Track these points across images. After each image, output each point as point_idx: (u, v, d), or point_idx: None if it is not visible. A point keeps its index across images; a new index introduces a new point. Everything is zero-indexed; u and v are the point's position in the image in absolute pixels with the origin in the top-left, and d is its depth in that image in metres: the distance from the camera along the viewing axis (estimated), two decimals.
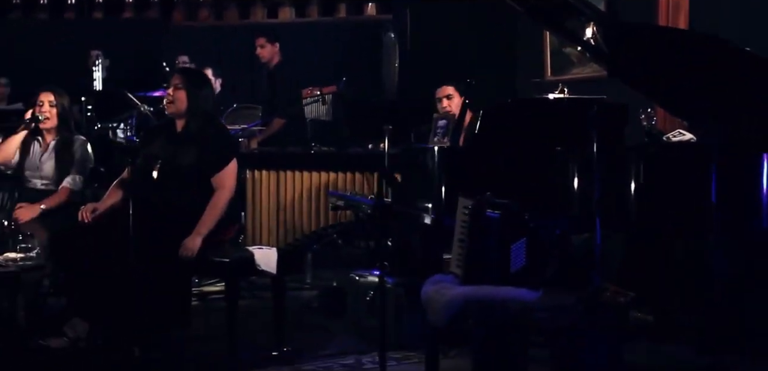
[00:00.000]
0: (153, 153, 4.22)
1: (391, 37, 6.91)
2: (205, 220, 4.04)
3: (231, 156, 4.20)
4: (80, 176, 4.69)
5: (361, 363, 3.98)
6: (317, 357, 4.05)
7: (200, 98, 4.23)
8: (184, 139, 4.21)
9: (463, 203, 3.46)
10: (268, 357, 3.99)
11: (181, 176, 4.15)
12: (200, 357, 4.00)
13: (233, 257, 4.04)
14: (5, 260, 3.84)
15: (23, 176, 4.71)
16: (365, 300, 4.36)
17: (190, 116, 4.22)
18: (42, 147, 4.73)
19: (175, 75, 4.27)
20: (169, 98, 4.26)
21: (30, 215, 4.42)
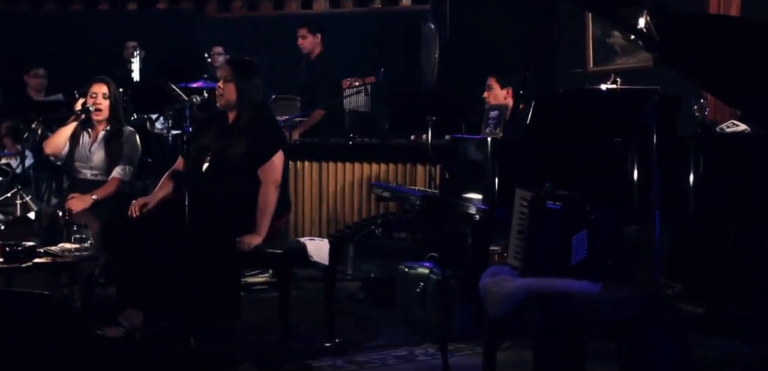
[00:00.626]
0: (203, 145, 4.23)
1: (430, 28, 6.86)
2: (263, 220, 4.05)
3: (277, 147, 4.20)
4: (130, 167, 4.71)
5: (414, 354, 3.97)
6: (369, 349, 4.04)
7: (250, 89, 4.23)
8: (234, 131, 4.21)
9: (521, 195, 3.44)
10: (320, 349, 4.00)
11: (230, 168, 4.16)
12: (253, 348, 4.01)
13: (286, 249, 4.04)
14: (61, 251, 3.86)
15: (73, 167, 4.74)
16: (415, 291, 4.35)
17: (240, 107, 4.23)
18: (91, 138, 4.76)
19: (224, 67, 4.27)
20: (219, 91, 4.26)
21: (82, 206, 4.44)
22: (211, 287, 3.97)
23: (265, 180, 4.13)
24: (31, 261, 3.78)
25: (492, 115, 4.24)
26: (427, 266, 4.37)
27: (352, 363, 3.81)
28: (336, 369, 3.75)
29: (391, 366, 3.81)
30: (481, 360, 3.56)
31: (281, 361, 3.77)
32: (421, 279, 4.34)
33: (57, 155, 4.74)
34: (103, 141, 4.72)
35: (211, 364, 3.76)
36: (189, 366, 3.69)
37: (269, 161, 4.13)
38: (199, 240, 3.84)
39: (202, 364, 3.73)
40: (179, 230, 3.92)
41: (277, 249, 4.04)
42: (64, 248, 3.90)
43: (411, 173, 5.64)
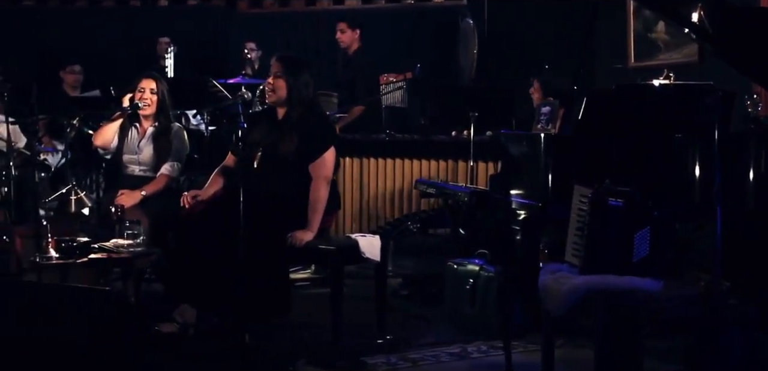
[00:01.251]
0: (254, 141, 4.23)
1: (469, 23, 6.83)
2: (314, 216, 4.05)
3: (328, 144, 4.19)
4: (178, 163, 4.72)
5: (467, 351, 3.95)
6: (421, 346, 4.02)
7: (300, 85, 4.22)
8: (285, 127, 4.20)
9: (580, 192, 3.41)
10: (372, 345, 3.98)
11: (281, 164, 4.15)
12: (304, 344, 4.00)
13: (339, 245, 4.04)
14: (116, 246, 3.87)
15: (121, 162, 4.75)
16: (464, 288, 4.32)
17: (290, 104, 4.22)
18: (139, 133, 4.77)
19: (274, 63, 4.26)
20: (269, 87, 4.25)
21: (131, 202, 4.45)
22: (263, 283, 3.96)
23: (317, 176, 4.12)
24: (87, 257, 3.79)
25: (544, 111, 4.20)
26: (476, 263, 4.35)
27: (406, 360, 3.79)
28: (390, 366, 3.73)
29: (445, 364, 3.79)
30: (536, 358, 3.56)
31: (335, 358, 3.77)
32: (470, 275, 4.32)
33: (105, 149, 4.75)
34: (151, 137, 4.73)
35: (267, 361, 3.76)
36: (245, 363, 3.68)
37: (321, 157, 4.12)
38: (251, 236, 3.84)
39: (257, 361, 3.73)
40: (230, 227, 3.94)
41: (330, 246, 4.03)
42: (118, 243, 3.91)
43: (452, 170, 5.62)
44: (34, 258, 3.79)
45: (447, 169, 5.63)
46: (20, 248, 4.78)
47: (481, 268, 4.28)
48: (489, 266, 4.26)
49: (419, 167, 5.75)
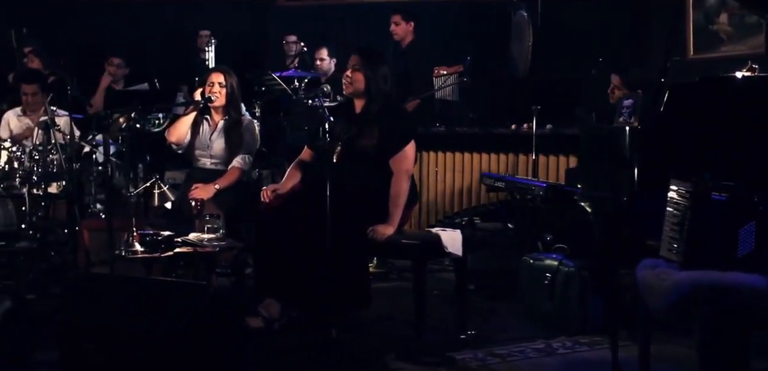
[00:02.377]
0: (333, 135, 4.19)
1: (523, 15, 6.77)
2: (395, 210, 4.02)
3: (409, 138, 4.16)
4: (249, 156, 4.71)
5: (553, 347, 3.90)
6: (504, 341, 3.98)
7: (378, 78, 4.18)
8: (364, 120, 4.17)
9: (678, 186, 3.35)
10: (456, 340, 3.95)
11: (361, 157, 4.12)
12: (386, 339, 3.97)
13: (422, 239, 4.00)
14: (199, 240, 3.85)
15: (193, 156, 4.73)
16: (543, 283, 4.28)
17: (369, 97, 4.18)
18: (211, 127, 4.75)
19: (352, 56, 4.23)
20: (347, 79, 4.22)
21: (206, 195, 4.43)
22: (345, 277, 3.93)
23: (398, 170, 4.09)
24: (173, 251, 3.77)
25: (626, 104, 4.15)
26: (554, 257, 4.30)
27: (494, 356, 3.75)
28: (477, 361, 3.69)
29: (534, 360, 3.74)
30: (626, 353, 3.51)
31: (422, 354, 3.74)
32: (548, 270, 4.28)
33: (180, 144, 4.73)
34: (222, 131, 4.71)
35: (354, 356, 3.73)
36: (333, 358, 3.66)
37: (402, 151, 4.09)
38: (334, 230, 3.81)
39: (345, 355, 3.70)
40: (311, 221, 3.92)
41: (414, 240, 4.00)
42: (201, 238, 3.89)
43: (512, 163, 5.58)
44: (118, 252, 3.78)
45: (507, 162, 5.58)
46: (88, 242, 4.78)
47: (560, 263, 4.23)
48: (569, 261, 4.21)
49: (479, 161, 5.71)
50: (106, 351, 3.25)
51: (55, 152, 5.51)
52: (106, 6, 9.29)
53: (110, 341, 3.24)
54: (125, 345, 3.22)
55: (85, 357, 3.29)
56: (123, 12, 9.30)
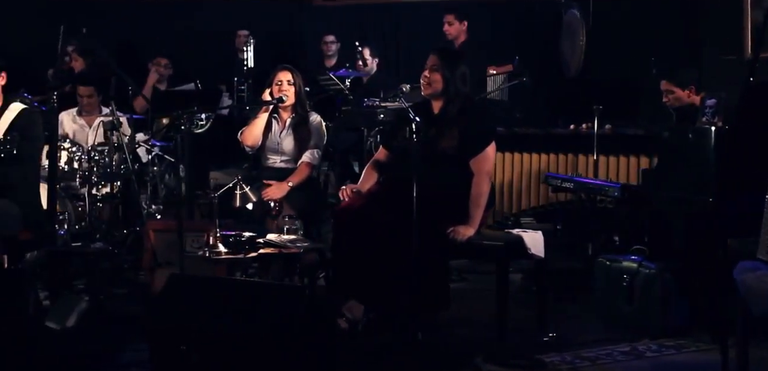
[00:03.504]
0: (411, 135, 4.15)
1: (575, 14, 6.72)
2: (476, 211, 3.99)
3: (490, 139, 4.12)
4: (318, 151, 4.69)
5: (639, 350, 3.85)
6: (587, 344, 3.93)
7: (457, 78, 4.14)
8: (443, 121, 4.13)
9: None
10: (539, 342, 3.91)
11: (440, 158, 4.08)
12: (471, 341, 3.93)
13: (506, 241, 3.96)
14: (282, 241, 3.83)
15: (262, 155, 4.71)
16: (621, 285, 4.23)
17: (447, 97, 4.15)
18: (279, 126, 4.73)
19: (430, 56, 4.19)
20: (425, 80, 4.18)
21: (280, 194, 4.42)
22: (426, 278, 3.89)
23: (479, 171, 4.05)
24: (257, 252, 3.74)
25: (709, 103, 4.09)
26: (633, 259, 4.26)
27: (582, 359, 3.71)
28: (567, 365, 3.65)
29: (623, 363, 3.70)
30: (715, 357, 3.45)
31: (510, 356, 3.70)
32: (626, 272, 4.23)
33: (254, 146, 4.71)
34: (291, 128, 4.70)
35: (442, 358, 3.69)
36: (421, 360, 3.62)
37: (483, 152, 4.06)
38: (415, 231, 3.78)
39: (432, 358, 3.67)
40: (389, 221, 3.89)
41: (497, 241, 3.96)
42: (283, 238, 3.86)
43: (572, 163, 5.53)
44: (203, 253, 3.75)
45: (566, 163, 5.54)
46: (154, 242, 4.76)
47: (640, 264, 4.19)
48: (649, 263, 4.16)
49: (538, 161, 5.67)
50: (200, 352, 3.23)
51: (114, 153, 5.50)
52: (143, 5, 9.28)
53: (205, 342, 3.21)
54: (220, 347, 3.19)
55: (177, 358, 3.27)
56: (160, 11, 9.28)
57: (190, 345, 3.23)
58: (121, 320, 4.30)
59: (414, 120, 3.80)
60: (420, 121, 4.17)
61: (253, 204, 4.16)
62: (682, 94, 4.91)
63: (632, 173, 5.13)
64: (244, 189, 4.10)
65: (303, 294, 3.20)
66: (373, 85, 7.37)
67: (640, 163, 5.07)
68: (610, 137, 5.29)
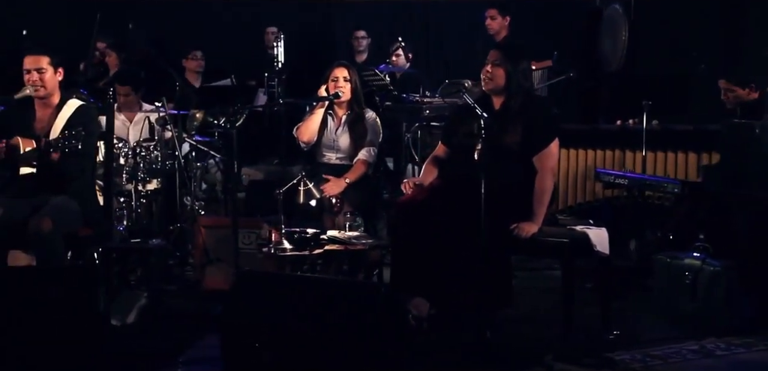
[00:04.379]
0: (471, 131, 4.11)
1: (617, 9, 6.66)
2: (540, 208, 3.95)
3: (554, 135, 4.08)
4: (374, 148, 4.66)
5: (707, 349, 3.81)
6: (654, 342, 3.88)
7: (519, 74, 4.10)
8: (506, 117, 4.09)
9: None
10: (605, 341, 3.87)
11: (502, 154, 4.04)
12: (537, 338, 3.90)
13: (571, 238, 3.92)
14: (347, 238, 3.79)
15: (317, 152, 4.68)
16: (683, 282, 4.19)
17: (509, 93, 4.10)
18: (335, 123, 4.70)
19: (491, 52, 4.15)
20: (487, 75, 4.14)
21: (337, 190, 4.38)
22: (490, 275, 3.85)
23: (542, 167, 4.01)
24: (322, 248, 3.71)
25: None
26: (695, 256, 4.21)
27: (653, 358, 3.67)
28: (638, 363, 3.61)
29: (693, 362, 3.66)
30: None
31: (580, 354, 3.66)
32: (689, 269, 4.19)
33: (310, 142, 4.68)
34: (346, 125, 4.67)
35: (512, 356, 3.66)
36: (491, 357, 3.59)
37: (547, 148, 4.01)
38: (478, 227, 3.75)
39: (503, 355, 3.63)
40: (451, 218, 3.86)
41: (562, 238, 3.92)
42: (350, 236, 3.82)
43: (619, 159, 5.47)
44: (268, 250, 3.72)
45: (613, 158, 5.48)
46: (205, 239, 4.74)
47: (704, 262, 4.14)
48: (713, 261, 4.11)
49: (585, 157, 5.61)
50: (273, 350, 3.20)
51: (159, 149, 5.48)
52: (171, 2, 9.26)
53: (279, 340, 3.18)
54: (295, 345, 3.16)
55: (250, 355, 3.24)
56: (188, 8, 9.26)
57: (263, 342, 3.21)
58: (178, 316, 4.28)
59: (482, 116, 3.76)
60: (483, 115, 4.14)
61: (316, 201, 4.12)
62: (742, 92, 4.87)
63: (681, 168, 5.09)
64: (307, 186, 4.06)
65: (379, 292, 3.16)
66: (406, 80, 7.33)
67: (689, 159, 5.04)
68: (659, 132, 5.24)
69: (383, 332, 3.14)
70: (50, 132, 4.05)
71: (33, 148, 3.97)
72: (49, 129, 4.07)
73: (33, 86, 4.07)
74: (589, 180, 5.43)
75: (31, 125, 4.12)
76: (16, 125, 4.09)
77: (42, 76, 4.07)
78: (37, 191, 4.02)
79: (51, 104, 4.15)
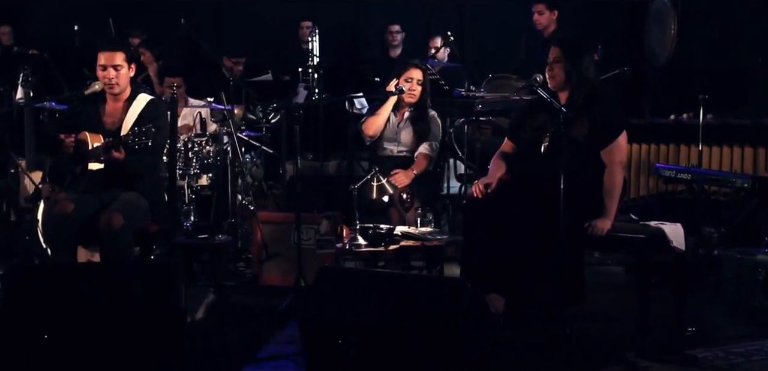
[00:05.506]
0: (539, 125, 4.07)
1: (665, 3, 6.58)
2: (611, 203, 3.90)
3: (622, 128, 4.03)
4: (436, 143, 4.63)
5: None
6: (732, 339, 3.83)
7: (580, 68, 4.05)
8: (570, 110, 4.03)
9: None
10: (683, 338, 3.82)
11: (570, 149, 3.99)
12: (612, 335, 3.86)
13: (647, 233, 3.87)
14: (422, 234, 3.75)
15: (378, 145, 4.66)
16: (757, 278, 4.13)
17: (572, 87, 4.05)
18: (398, 117, 4.67)
19: (553, 48, 4.11)
20: (550, 72, 4.09)
21: (406, 181, 4.38)
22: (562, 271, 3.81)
23: (611, 161, 3.96)
24: (397, 244, 3.67)
25: None
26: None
27: (735, 356, 3.62)
28: (721, 360, 3.56)
29: None
30: None
31: (661, 351, 3.62)
32: (762, 266, 4.13)
33: (375, 136, 4.66)
34: (409, 121, 4.65)
35: (593, 352, 3.62)
36: (571, 354, 3.55)
37: (615, 141, 3.97)
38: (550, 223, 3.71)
39: (583, 352, 3.59)
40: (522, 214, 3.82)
41: (637, 234, 3.87)
42: (421, 231, 3.79)
43: (673, 154, 5.41)
44: (343, 245, 3.68)
45: (668, 153, 5.42)
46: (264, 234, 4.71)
47: None
48: None
49: (638, 151, 5.56)
50: (357, 346, 3.16)
51: (210, 145, 5.46)
52: None
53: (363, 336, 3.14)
54: (380, 341, 3.12)
55: (333, 352, 3.20)
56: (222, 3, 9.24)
57: (347, 338, 3.17)
58: (242, 312, 4.26)
59: (561, 110, 3.71)
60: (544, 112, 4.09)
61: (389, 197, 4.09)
62: None
63: (736, 163, 5.03)
64: (381, 181, 4.02)
65: (465, 288, 3.11)
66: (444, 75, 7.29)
67: (745, 153, 4.98)
68: (715, 126, 5.18)
69: (469, 328, 3.11)
70: (121, 128, 4.03)
71: (101, 143, 3.95)
72: (120, 124, 4.05)
73: (108, 82, 4.03)
74: (643, 175, 5.37)
75: (100, 120, 4.09)
76: (84, 120, 4.07)
77: (118, 73, 4.04)
78: (105, 186, 4.00)
79: (121, 99, 4.12)
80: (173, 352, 3.20)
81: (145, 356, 3.17)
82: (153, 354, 3.17)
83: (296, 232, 4.24)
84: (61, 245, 3.84)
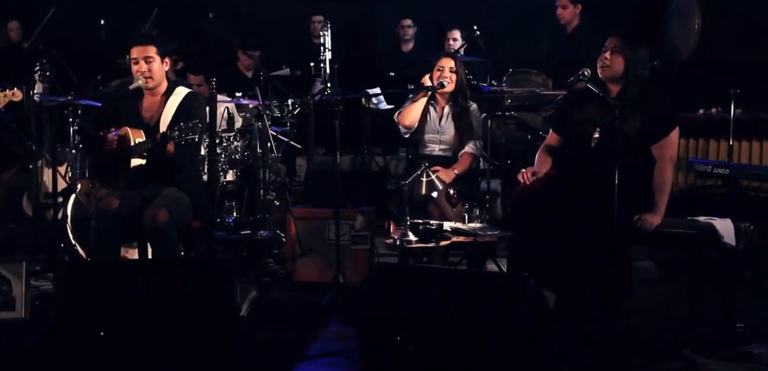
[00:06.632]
0: (588, 119, 4.03)
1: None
2: (661, 198, 3.87)
3: (675, 123, 3.99)
4: (480, 141, 4.58)
5: None
6: None
7: (638, 61, 4.01)
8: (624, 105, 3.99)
9: None
10: (735, 334, 3.79)
11: (620, 142, 3.95)
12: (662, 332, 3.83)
13: (698, 229, 3.84)
14: (473, 230, 3.71)
15: (421, 142, 4.60)
16: None
17: (627, 81, 4.01)
18: (438, 113, 4.61)
19: (611, 38, 4.05)
20: (604, 62, 4.04)
21: (447, 180, 4.31)
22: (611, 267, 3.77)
23: (662, 157, 3.92)
24: (449, 240, 3.63)
25: None
26: None
27: None
28: None
29: None
30: None
31: (715, 348, 3.59)
32: None
33: (411, 128, 4.60)
34: (451, 117, 4.59)
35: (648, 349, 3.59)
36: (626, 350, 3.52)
37: (667, 137, 3.93)
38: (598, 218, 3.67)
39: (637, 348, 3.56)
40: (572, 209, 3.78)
41: (688, 229, 3.84)
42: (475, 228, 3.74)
43: (702, 149, 5.39)
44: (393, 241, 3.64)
45: (697, 148, 5.40)
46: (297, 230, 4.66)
47: None
48: None
49: None
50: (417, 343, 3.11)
51: (238, 140, 5.40)
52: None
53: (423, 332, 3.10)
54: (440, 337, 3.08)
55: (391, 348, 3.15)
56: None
57: (406, 335, 3.12)
58: (281, 308, 4.22)
59: (615, 104, 3.66)
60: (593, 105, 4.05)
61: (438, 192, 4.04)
62: None
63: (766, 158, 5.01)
64: (430, 177, 3.98)
65: (528, 284, 3.07)
66: None
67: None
68: (746, 121, 5.16)
69: (531, 325, 3.07)
70: (160, 122, 3.97)
71: (143, 139, 3.89)
72: (158, 119, 3.99)
73: (142, 76, 3.97)
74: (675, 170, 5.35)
75: (138, 114, 4.03)
76: (123, 115, 4.01)
77: (150, 66, 3.98)
78: (147, 182, 3.94)
79: (158, 93, 4.06)
80: (226, 348, 3.16)
81: (199, 352, 3.13)
82: (207, 350, 3.13)
83: (331, 228, 4.19)
84: (107, 241, 3.78)
